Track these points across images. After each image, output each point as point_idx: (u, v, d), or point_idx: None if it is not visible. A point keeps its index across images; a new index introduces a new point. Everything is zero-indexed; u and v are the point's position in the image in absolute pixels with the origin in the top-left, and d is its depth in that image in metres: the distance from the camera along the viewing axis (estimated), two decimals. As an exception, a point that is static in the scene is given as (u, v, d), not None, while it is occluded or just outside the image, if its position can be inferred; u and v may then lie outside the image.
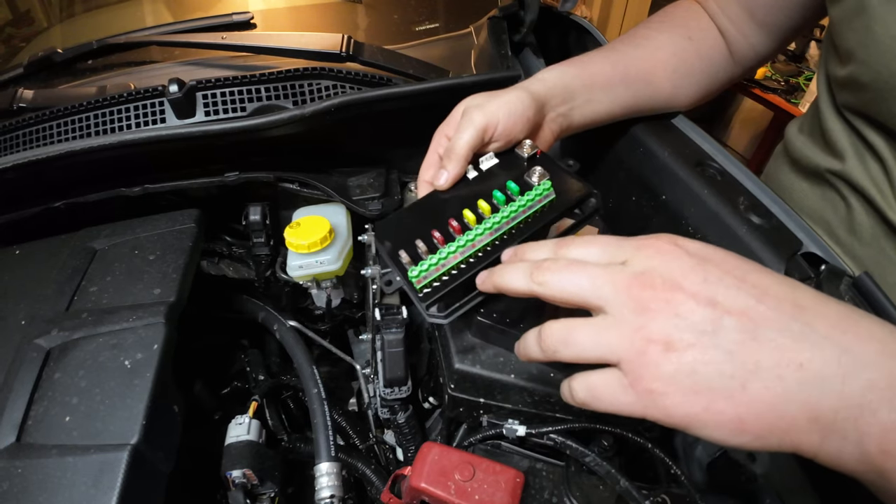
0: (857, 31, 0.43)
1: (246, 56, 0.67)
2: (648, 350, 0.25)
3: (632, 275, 0.27)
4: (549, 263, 0.30)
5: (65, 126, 0.58)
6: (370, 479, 0.52)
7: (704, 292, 0.25)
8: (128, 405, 0.38)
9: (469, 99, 0.45)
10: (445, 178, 0.41)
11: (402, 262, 0.37)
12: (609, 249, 0.29)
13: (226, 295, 0.63)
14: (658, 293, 0.26)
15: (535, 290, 0.30)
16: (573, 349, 0.28)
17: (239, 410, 0.52)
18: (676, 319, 0.25)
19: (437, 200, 0.42)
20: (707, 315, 0.25)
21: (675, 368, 0.25)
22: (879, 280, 0.37)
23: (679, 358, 0.25)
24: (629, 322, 0.26)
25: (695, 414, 0.25)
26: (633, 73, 0.52)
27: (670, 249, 0.27)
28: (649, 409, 0.26)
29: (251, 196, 0.63)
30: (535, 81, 0.47)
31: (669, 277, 0.26)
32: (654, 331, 0.25)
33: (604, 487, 0.42)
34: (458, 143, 0.41)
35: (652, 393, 0.25)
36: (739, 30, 0.55)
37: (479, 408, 0.45)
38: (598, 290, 0.27)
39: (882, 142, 0.46)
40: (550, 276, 0.29)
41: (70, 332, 0.42)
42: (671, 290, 0.26)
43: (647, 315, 0.26)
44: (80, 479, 0.34)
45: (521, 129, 0.43)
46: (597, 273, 0.28)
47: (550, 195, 0.39)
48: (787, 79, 2.08)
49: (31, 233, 0.55)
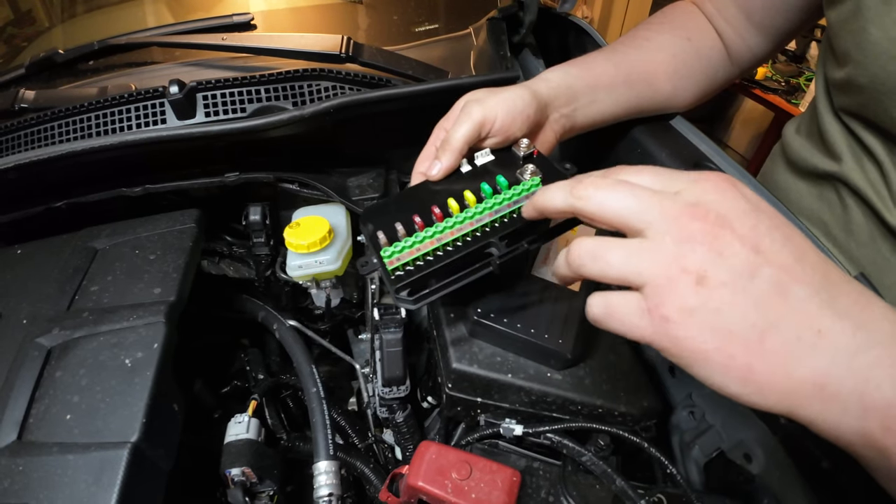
0: (853, 34, 0.43)
1: (246, 57, 0.67)
2: (680, 279, 0.25)
3: (684, 203, 0.26)
4: (594, 179, 0.29)
5: (66, 126, 0.58)
6: (369, 478, 0.52)
7: (752, 237, 0.25)
8: (128, 403, 0.38)
9: (470, 94, 0.45)
10: (438, 169, 0.41)
11: (379, 242, 0.37)
12: (663, 178, 0.28)
13: (226, 294, 0.63)
14: (707, 226, 0.25)
15: (574, 206, 0.29)
16: (600, 265, 0.27)
17: (238, 409, 0.52)
18: (718, 256, 0.25)
19: (426, 190, 0.42)
20: (749, 260, 0.25)
21: (702, 302, 0.24)
22: (876, 281, 0.37)
23: (708, 293, 0.24)
24: (668, 249, 0.25)
25: (705, 351, 0.25)
26: (635, 75, 0.52)
27: (728, 188, 0.26)
28: (659, 337, 0.26)
29: (251, 196, 0.63)
30: (539, 81, 0.47)
31: (722, 214, 0.25)
32: (692, 261, 0.25)
33: (600, 487, 0.42)
34: (453, 136, 0.41)
35: (668, 321, 0.25)
36: (737, 31, 0.55)
37: (476, 407, 0.45)
38: (643, 212, 0.27)
39: (878, 144, 0.46)
40: (594, 192, 0.28)
41: (71, 331, 0.43)
42: (721, 226, 0.25)
43: (689, 245, 0.25)
44: (81, 477, 0.34)
45: (520, 126, 0.43)
46: (645, 196, 0.27)
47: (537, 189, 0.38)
48: (787, 79, 2.07)
49: (32, 232, 0.55)
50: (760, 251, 0.25)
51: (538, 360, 0.45)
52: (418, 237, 0.37)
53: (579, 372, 0.45)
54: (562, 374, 0.45)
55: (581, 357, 0.46)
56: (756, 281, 0.24)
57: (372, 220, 0.40)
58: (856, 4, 0.42)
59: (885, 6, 0.40)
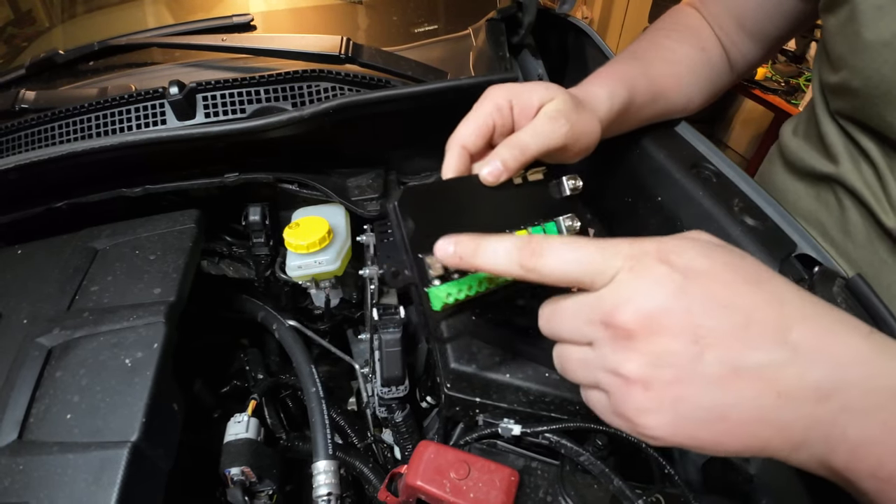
0: (848, 38, 0.44)
1: (246, 58, 0.67)
2: (630, 390, 0.25)
3: (607, 305, 0.26)
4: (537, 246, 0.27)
5: (66, 127, 0.59)
6: (368, 478, 0.53)
7: (687, 328, 0.24)
8: (128, 403, 0.38)
9: (557, 96, 0.39)
10: (498, 174, 0.35)
11: (429, 272, 0.32)
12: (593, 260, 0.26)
13: (226, 294, 0.63)
14: (637, 332, 0.25)
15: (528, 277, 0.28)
16: (568, 375, 0.30)
17: (238, 409, 0.53)
18: (656, 359, 0.25)
19: (476, 194, 0.36)
20: (689, 351, 0.24)
21: (655, 404, 0.25)
22: (873, 282, 0.38)
23: (657, 394, 0.25)
24: (610, 360, 0.26)
25: (678, 442, 0.26)
26: (660, 89, 0.52)
27: (655, 269, 0.25)
28: (635, 434, 0.27)
29: (251, 196, 0.64)
30: (603, 111, 0.44)
31: (650, 313, 0.24)
32: (633, 371, 0.25)
33: (598, 487, 0.42)
34: (531, 143, 0.36)
35: (632, 422, 0.26)
36: (730, 39, 0.56)
37: (475, 407, 0.46)
38: (573, 329, 0.28)
39: (874, 146, 0.47)
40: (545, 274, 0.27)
41: (71, 331, 0.43)
42: (650, 330, 0.25)
43: (626, 355, 0.25)
44: (81, 476, 0.35)
45: (583, 156, 0.43)
46: (574, 310, 0.28)
47: None
48: (787, 80, 2.08)
49: (33, 232, 0.55)
50: (699, 338, 0.24)
51: (537, 361, 0.45)
52: (472, 285, 0.33)
53: (577, 372, 0.45)
54: (560, 375, 0.45)
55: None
56: (702, 367, 0.24)
57: (412, 214, 0.32)
58: (850, 9, 0.43)
59: (878, 11, 0.41)
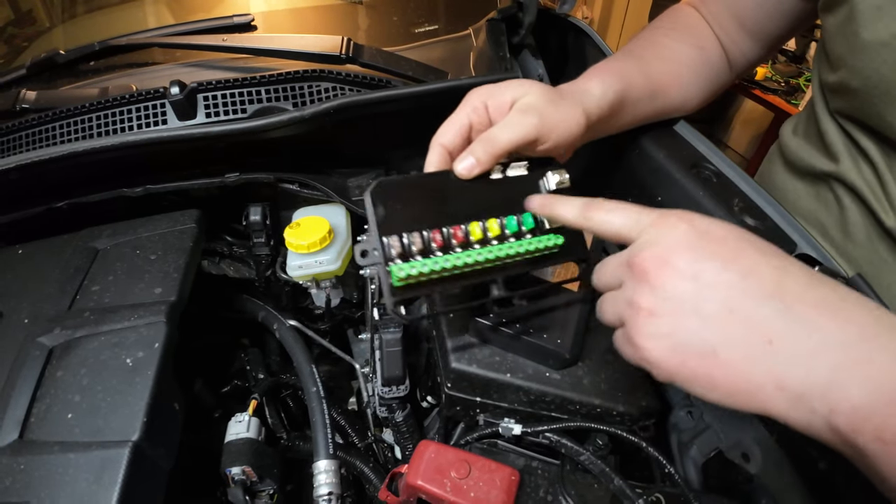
0: (846, 38, 0.44)
1: (247, 58, 0.67)
2: (639, 316, 0.30)
3: (635, 252, 0.31)
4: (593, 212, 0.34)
5: (67, 127, 0.59)
6: (368, 477, 0.53)
7: (691, 270, 0.29)
8: (129, 403, 0.38)
9: (530, 91, 0.41)
10: (470, 168, 0.37)
11: (391, 252, 0.35)
12: (628, 225, 0.33)
13: (226, 294, 0.63)
14: (651, 268, 0.30)
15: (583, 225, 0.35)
16: (602, 317, 0.34)
17: (239, 408, 0.53)
18: (662, 291, 0.29)
19: (449, 186, 0.38)
20: (690, 288, 0.29)
21: (656, 330, 0.29)
22: (872, 281, 0.38)
23: (659, 321, 0.29)
24: (629, 293, 0.31)
25: (673, 368, 0.29)
26: (657, 87, 0.52)
27: (678, 226, 0.31)
28: (638, 360, 0.31)
29: (252, 196, 0.64)
30: (589, 100, 0.45)
31: (663, 255, 0.30)
32: (643, 300, 0.30)
33: (598, 486, 0.42)
34: (500, 137, 0.38)
35: (638, 347, 0.30)
36: (730, 38, 0.56)
37: (475, 406, 0.46)
38: (611, 274, 0.33)
39: (873, 146, 0.47)
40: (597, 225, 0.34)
41: (72, 331, 0.43)
42: (661, 266, 0.30)
43: (640, 286, 0.30)
44: (82, 475, 0.35)
45: (566, 150, 0.43)
46: (607, 263, 0.34)
47: (554, 249, 0.39)
48: (787, 80, 2.07)
49: (33, 232, 0.56)
50: (700, 280, 0.29)
51: (537, 360, 0.45)
52: (435, 264, 0.34)
53: (578, 372, 0.45)
54: (560, 374, 0.45)
55: (579, 357, 0.46)
56: (701, 304, 0.28)
57: (384, 203, 0.35)
58: (849, 9, 0.43)
59: (877, 12, 0.41)
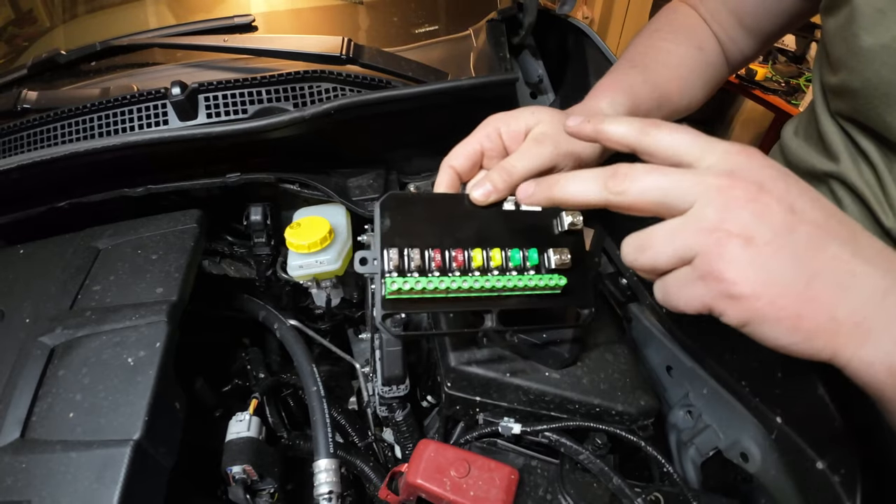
0: (847, 40, 0.44)
1: (247, 58, 0.67)
2: (729, 242, 0.27)
3: (720, 174, 0.28)
4: (627, 170, 0.30)
5: (68, 127, 0.59)
6: (368, 476, 0.53)
7: (787, 199, 0.27)
8: (130, 402, 0.38)
9: (543, 119, 0.41)
10: (486, 194, 0.38)
11: (389, 263, 0.35)
12: (697, 147, 0.30)
13: (227, 294, 0.63)
14: (745, 192, 0.27)
15: (611, 200, 0.30)
16: (649, 254, 0.29)
17: (239, 408, 0.53)
18: (760, 218, 0.27)
19: (460, 211, 0.38)
20: (787, 219, 0.27)
21: (750, 260, 0.27)
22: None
23: (756, 251, 0.27)
24: (712, 218, 0.27)
25: (759, 308, 0.27)
26: (662, 95, 0.52)
27: (758, 157, 0.29)
28: (716, 300, 0.27)
29: (252, 196, 0.64)
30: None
31: (757, 180, 0.28)
32: (737, 225, 0.27)
33: (598, 485, 0.42)
34: (518, 166, 0.38)
35: (722, 281, 0.27)
36: (728, 35, 0.57)
37: (475, 406, 0.46)
38: (685, 195, 0.28)
39: (873, 147, 0.47)
40: (630, 185, 0.30)
41: (74, 330, 0.43)
42: (758, 191, 0.27)
43: (732, 211, 0.27)
44: (84, 474, 0.35)
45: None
46: (681, 179, 0.29)
47: (556, 290, 0.38)
48: (787, 80, 2.07)
49: (35, 232, 0.56)
50: (795, 211, 0.27)
51: (536, 360, 0.45)
52: (430, 283, 0.34)
53: (577, 371, 0.45)
54: (559, 374, 0.45)
55: (578, 356, 0.46)
56: (794, 237, 0.27)
57: (391, 214, 0.36)
58: (850, 12, 0.43)
59: (878, 15, 0.41)
